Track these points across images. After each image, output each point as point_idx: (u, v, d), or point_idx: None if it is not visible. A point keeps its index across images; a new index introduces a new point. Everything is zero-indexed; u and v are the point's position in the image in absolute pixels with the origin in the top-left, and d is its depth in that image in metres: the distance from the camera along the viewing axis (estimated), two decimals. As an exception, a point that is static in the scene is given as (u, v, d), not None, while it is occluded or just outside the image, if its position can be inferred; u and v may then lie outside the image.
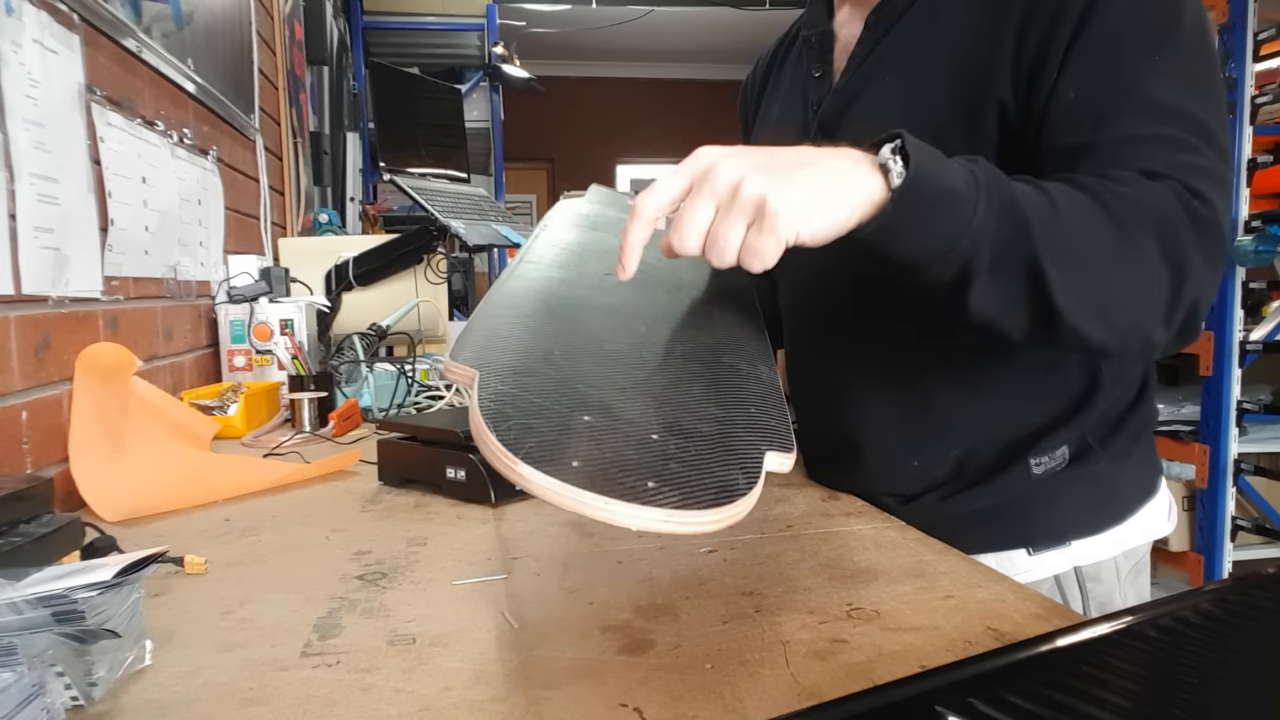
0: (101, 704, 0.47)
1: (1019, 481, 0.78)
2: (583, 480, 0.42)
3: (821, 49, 0.86)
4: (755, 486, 0.47)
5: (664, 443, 0.49)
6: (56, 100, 0.99)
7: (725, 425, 0.53)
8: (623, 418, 0.51)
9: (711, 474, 0.47)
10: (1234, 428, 2.48)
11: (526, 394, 0.51)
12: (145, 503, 0.89)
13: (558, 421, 0.48)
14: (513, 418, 0.47)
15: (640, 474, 0.45)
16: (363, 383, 1.49)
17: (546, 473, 0.42)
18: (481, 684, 0.48)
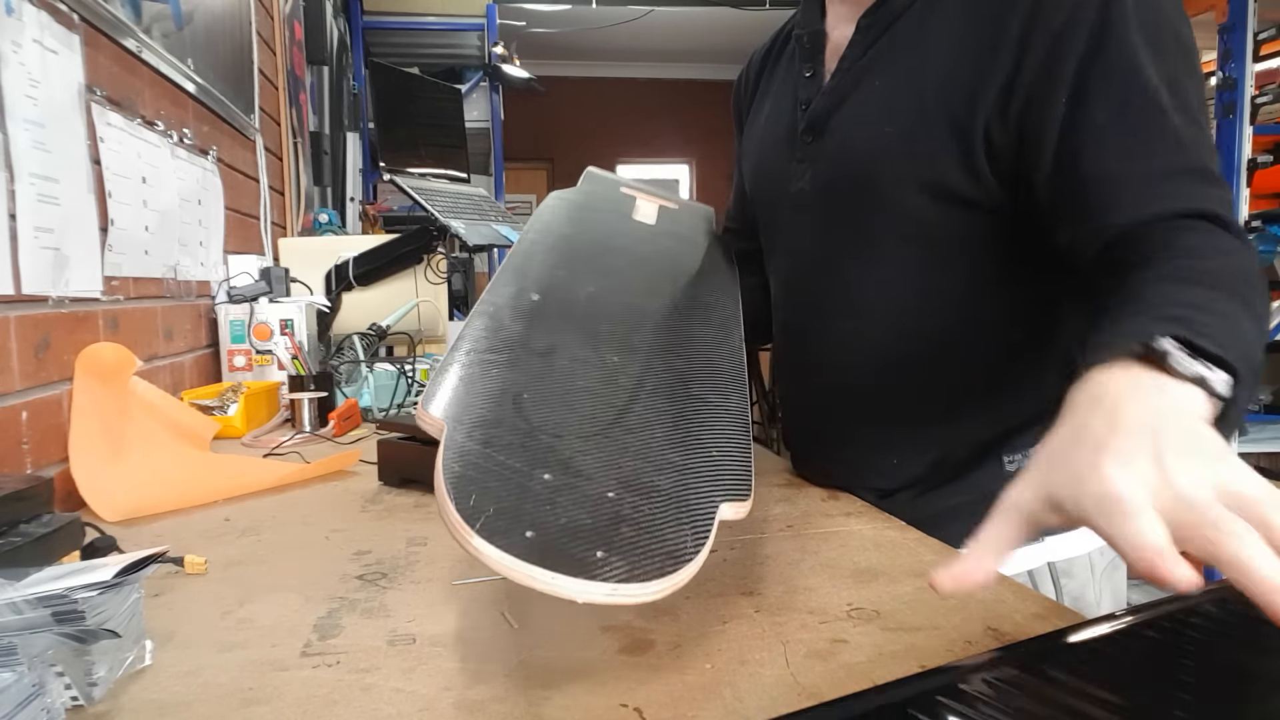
0: (101, 704, 0.47)
1: (992, 478, 0.79)
2: (534, 554, 0.44)
3: (813, 49, 0.87)
4: (702, 550, 0.49)
5: (619, 501, 0.51)
6: (56, 100, 0.99)
7: (684, 476, 0.55)
8: (582, 473, 0.52)
9: (662, 538, 0.49)
10: (1234, 428, 2.48)
11: (490, 450, 0.52)
12: (145, 503, 0.89)
13: (517, 484, 0.50)
14: (474, 481, 0.48)
15: (591, 542, 0.46)
16: (363, 383, 1.49)
17: (500, 547, 0.44)
18: (481, 684, 0.48)
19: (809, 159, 0.86)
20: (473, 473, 0.49)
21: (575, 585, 0.43)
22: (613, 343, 0.68)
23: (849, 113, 0.82)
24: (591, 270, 0.77)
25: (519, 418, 0.56)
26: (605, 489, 0.51)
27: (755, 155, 0.97)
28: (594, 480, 0.52)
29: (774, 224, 0.95)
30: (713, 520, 0.52)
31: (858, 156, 0.80)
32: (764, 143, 0.95)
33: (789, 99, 0.90)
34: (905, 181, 0.76)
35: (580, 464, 0.53)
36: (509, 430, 0.54)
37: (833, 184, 0.83)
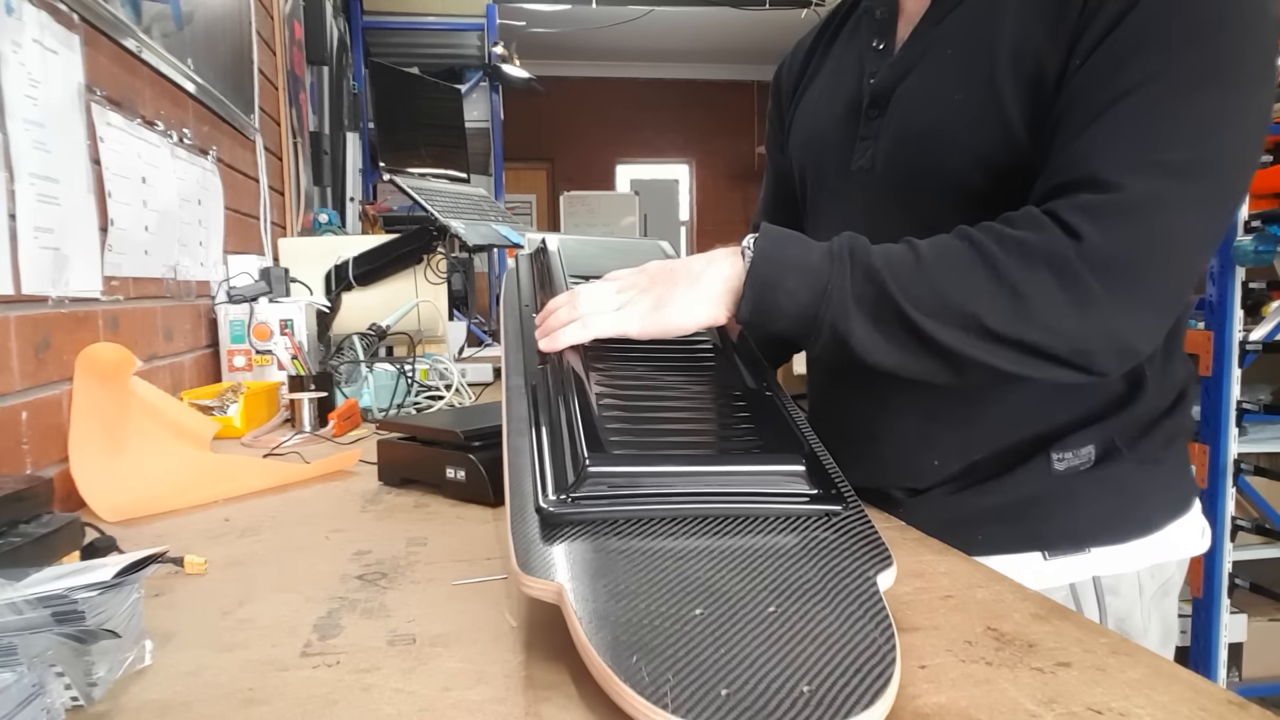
0: (101, 704, 0.47)
1: (1039, 477, 0.76)
2: (742, 714, 0.39)
3: (886, 21, 0.84)
4: (894, 643, 0.45)
5: (782, 615, 0.47)
6: (56, 100, 0.99)
7: (827, 571, 0.51)
8: (725, 594, 0.48)
9: (852, 644, 0.44)
10: (1234, 428, 2.48)
11: (624, 601, 0.47)
12: (145, 503, 0.89)
13: (673, 629, 0.45)
14: (635, 646, 0.43)
15: (790, 679, 0.41)
16: (363, 383, 1.49)
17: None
18: (481, 684, 0.48)
19: (873, 135, 0.82)
20: (623, 634, 0.44)
21: None
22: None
23: (914, 82, 0.79)
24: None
25: (633, 545, 0.52)
26: (763, 605, 0.47)
27: (808, 133, 0.93)
28: (745, 600, 0.47)
29: (824, 205, 0.91)
30: (881, 602, 0.49)
31: (922, 126, 0.77)
32: (819, 119, 0.91)
33: (852, 73, 0.87)
34: (971, 153, 0.73)
35: (719, 582, 0.49)
36: (632, 567, 0.50)
37: (897, 159, 0.80)
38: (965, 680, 0.47)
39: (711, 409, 0.69)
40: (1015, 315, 0.63)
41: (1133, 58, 0.64)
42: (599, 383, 0.68)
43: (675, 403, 0.69)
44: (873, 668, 0.43)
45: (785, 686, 0.41)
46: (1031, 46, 0.70)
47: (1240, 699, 0.43)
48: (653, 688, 0.40)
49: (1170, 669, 0.47)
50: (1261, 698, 2.42)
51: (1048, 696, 0.44)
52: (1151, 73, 0.64)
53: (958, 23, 0.77)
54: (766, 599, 0.48)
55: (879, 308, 0.66)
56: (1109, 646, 0.50)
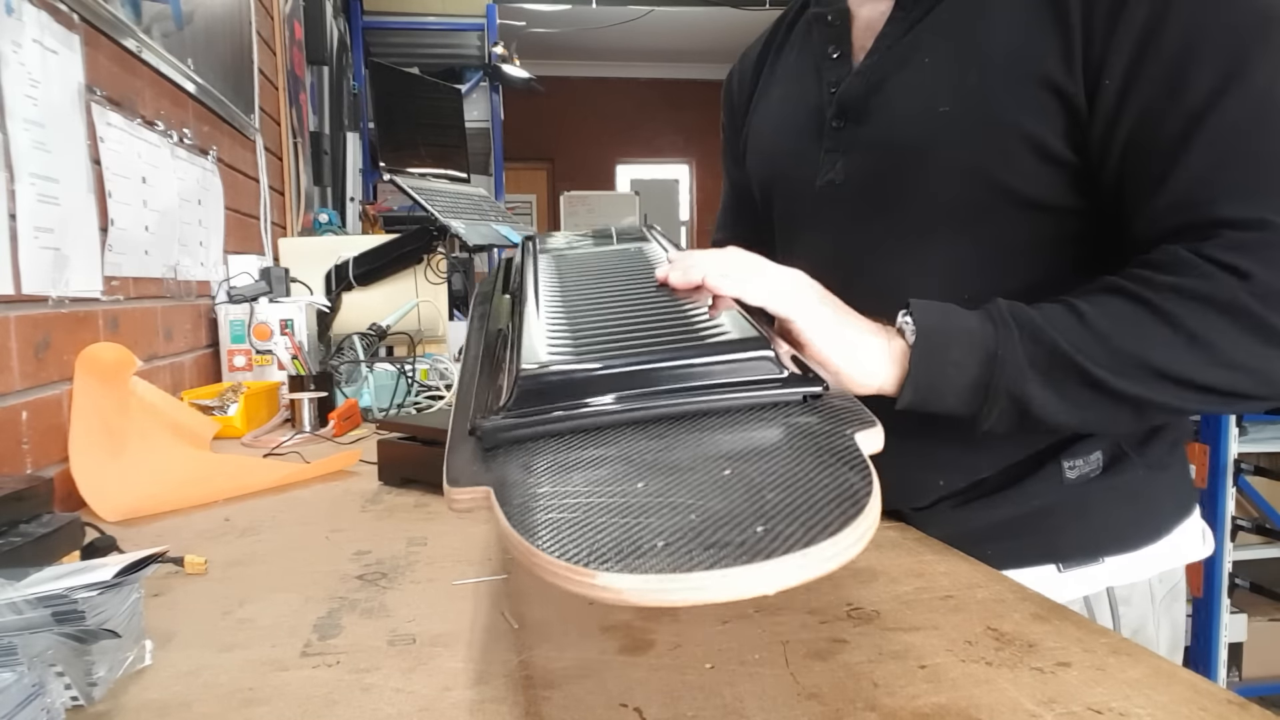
0: (101, 704, 0.47)
1: (1050, 487, 0.74)
2: (683, 562, 0.34)
3: (840, 28, 0.81)
4: (872, 479, 0.39)
5: (741, 475, 0.41)
6: (56, 100, 0.99)
7: (795, 435, 0.45)
8: (678, 466, 0.42)
9: (819, 485, 0.39)
10: (1234, 428, 2.48)
11: (556, 490, 0.42)
12: (145, 503, 0.89)
13: (616, 504, 0.40)
14: (565, 524, 0.38)
15: (739, 523, 0.36)
16: (363, 383, 1.49)
17: (638, 571, 0.34)
18: (481, 684, 0.48)
19: (841, 147, 0.79)
20: (555, 514, 0.40)
21: (757, 574, 0.33)
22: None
23: (894, 93, 0.75)
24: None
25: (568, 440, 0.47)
26: (716, 470, 0.42)
27: (765, 145, 0.90)
28: (696, 469, 0.42)
29: (794, 222, 0.88)
30: (858, 449, 0.43)
31: (905, 139, 0.74)
32: (777, 131, 0.88)
33: (809, 82, 0.84)
34: (959, 167, 0.71)
35: (668, 459, 0.43)
36: (577, 477, 0.44)
37: (872, 172, 0.77)
38: (965, 680, 0.47)
39: (668, 311, 0.59)
40: (1199, 361, 0.61)
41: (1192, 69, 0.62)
42: (547, 303, 0.62)
43: (628, 308, 0.61)
44: (841, 501, 0.37)
45: (735, 529, 0.36)
46: (1031, 55, 0.68)
47: (1240, 699, 0.43)
48: (579, 550, 0.36)
49: (1170, 669, 0.47)
50: (1261, 698, 2.42)
51: (1048, 696, 0.44)
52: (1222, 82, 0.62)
53: (931, 33, 0.74)
54: (721, 464, 0.42)
55: (1053, 368, 0.63)
56: (1109, 646, 0.50)
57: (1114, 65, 0.65)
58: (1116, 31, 0.64)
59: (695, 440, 0.46)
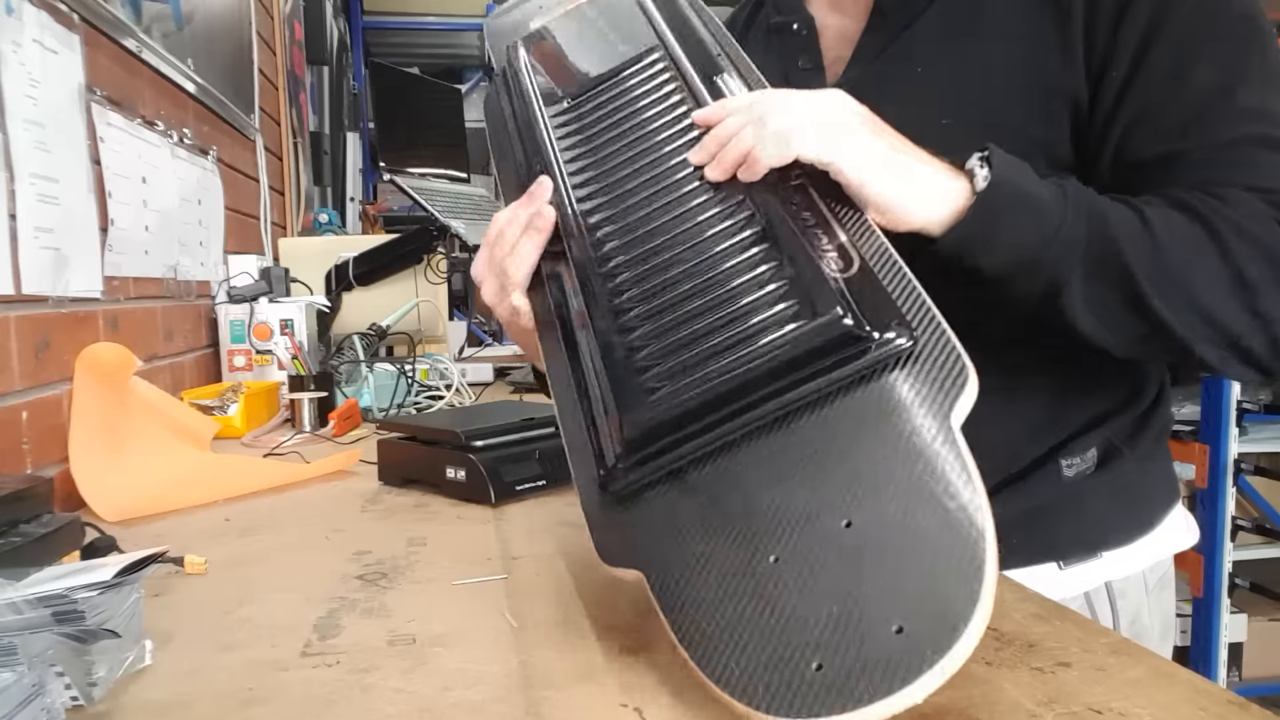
0: (101, 704, 0.47)
1: (1049, 487, 0.74)
2: (837, 699, 0.38)
3: (808, 38, 0.79)
4: (986, 549, 0.41)
5: (862, 539, 0.43)
6: (56, 100, 0.99)
7: (902, 448, 0.45)
8: (805, 519, 0.45)
9: (939, 554, 0.41)
10: (1234, 428, 2.48)
11: (696, 578, 0.45)
12: (145, 503, 0.89)
13: (752, 604, 0.42)
14: (712, 633, 0.42)
15: (877, 626, 0.39)
16: (363, 383, 1.49)
17: (801, 716, 0.38)
18: (481, 684, 0.48)
19: None
20: (706, 623, 0.43)
21: (908, 697, 0.37)
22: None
23: (887, 106, 0.72)
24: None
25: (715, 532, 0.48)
26: (836, 524, 0.44)
27: None
28: (819, 522, 0.44)
29: None
30: (959, 452, 0.44)
31: None
32: None
33: None
34: None
35: (790, 505, 0.46)
36: (702, 524, 0.47)
37: None
38: (965, 680, 0.46)
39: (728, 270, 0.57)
40: (1235, 302, 0.60)
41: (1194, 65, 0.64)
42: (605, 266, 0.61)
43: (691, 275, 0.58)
44: (962, 578, 0.39)
45: (877, 641, 0.39)
46: (1036, 62, 0.67)
47: (1240, 699, 0.43)
48: (743, 685, 0.40)
49: (1170, 669, 0.47)
50: (1261, 698, 2.42)
51: (1048, 696, 0.44)
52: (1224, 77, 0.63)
53: (923, 42, 0.73)
54: (841, 510, 0.44)
55: (1104, 265, 0.60)
56: (1109, 646, 0.50)
57: (1120, 59, 0.65)
58: (1122, 25, 0.65)
59: (810, 468, 0.47)
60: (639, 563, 0.48)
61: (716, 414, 0.50)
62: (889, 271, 0.53)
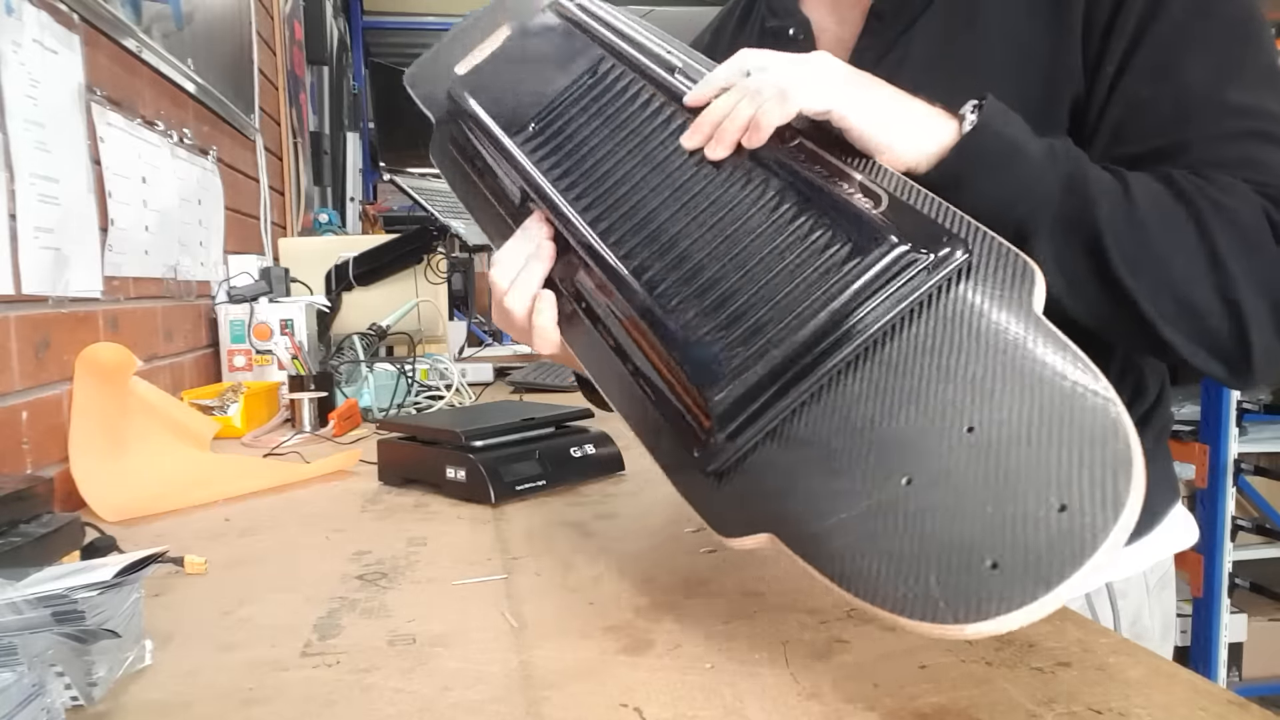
0: (101, 704, 0.47)
1: None
2: (1027, 589, 0.38)
3: (805, 44, 0.78)
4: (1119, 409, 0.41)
5: (985, 435, 0.43)
6: (56, 100, 0.99)
7: (996, 342, 0.46)
8: (921, 438, 0.45)
9: (1076, 424, 0.41)
10: (1234, 428, 2.48)
11: (828, 509, 0.45)
12: (145, 503, 0.89)
13: (908, 518, 0.42)
14: (863, 553, 0.42)
15: (1038, 512, 0.39)
16: (363, 383, 1.49)
17: (992, 616, 0.38)
18: (481, 684, 0.48)
19: None
20: (861, 555, 0.43)
21: (1083, 581, 0.37)
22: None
23: None
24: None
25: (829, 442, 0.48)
26: (958, 431, 0.44)
27: None
28: (939, 435, 0.44)
29: None
30: (1053, 333, 0.45)
31: None
32: None
33: None
34: None
35: (904, 431, 0.46)
36: (820, 474, 0.47)
37: None
38: (965, 680, 0.47)
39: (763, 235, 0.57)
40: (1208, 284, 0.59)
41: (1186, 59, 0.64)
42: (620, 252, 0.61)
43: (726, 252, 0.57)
44: (1102, 446, 0.40)
45: (1042, 516, 0.39)
46: (1036, 62, 0.68)
47: (1240, 699, 0.43)
48: (924, 606, 0.39)
49: (1170, 669, 0.47)
50: (1261, 698, 2.42)
51: (1048, 696, 0.44)
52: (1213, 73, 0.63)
53: (921, 45, 0.73)
54: (958, 419, 0.44)
55: (1076, 227, 0.60)
56: (1109, 646, 0.50)
57: (1113, 51, 0.65)
58: (1116, 21, 0.65)
59: (911, 389, 0.47)
60: (764, 526, 0.48)
61: (801, 364, 0.50)
62: (917, 198, 0.54)
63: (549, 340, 0.65)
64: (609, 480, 0.95)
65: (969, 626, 0.38)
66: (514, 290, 0.66)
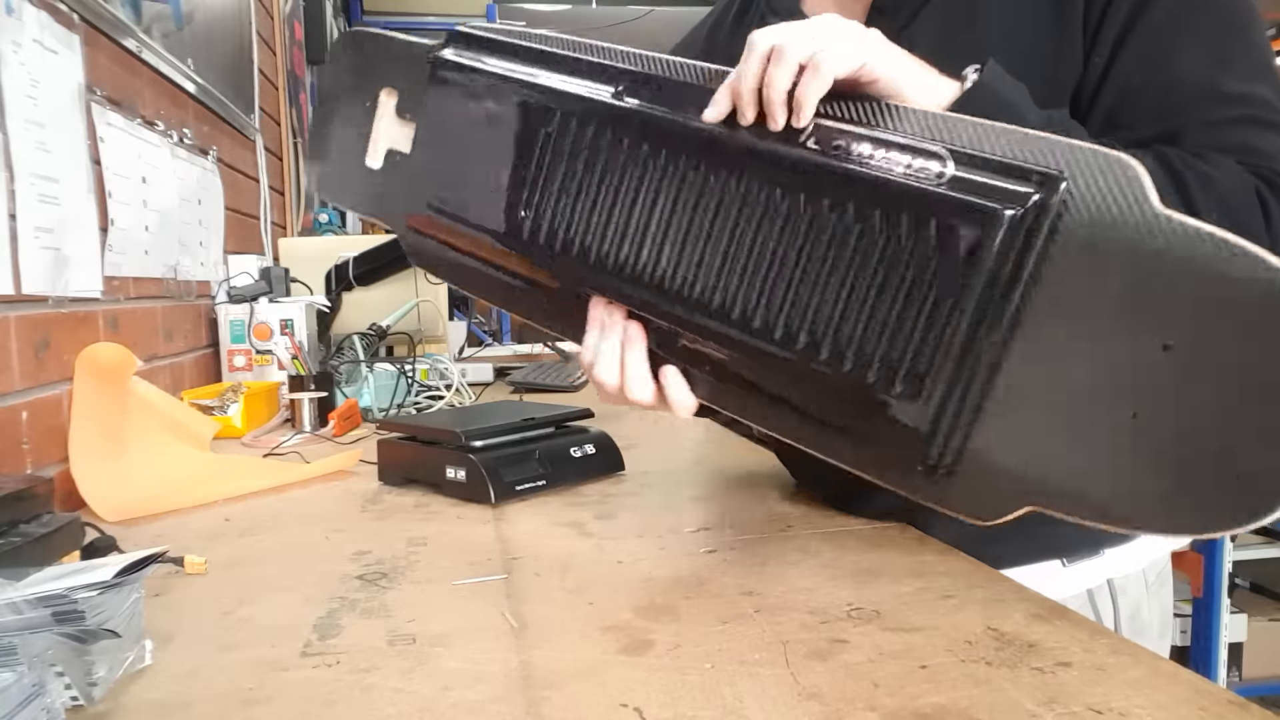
0: (101, 704, 0.47)
1: None
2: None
3: None
4: None
5: (1183, 350, 0.45)
6: (56, 100, 0.99)
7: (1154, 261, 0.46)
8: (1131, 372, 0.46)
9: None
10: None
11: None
12: (145, 503, 0.89)
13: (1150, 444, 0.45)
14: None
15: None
16: (363, 383, 1.49)
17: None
18: (481, 684, 0.48)
19: None
20: (1135, 494, 0.46)
21: None
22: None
23: None
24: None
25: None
26: (1156, 349, 0.45)
27: None
28: (1138, 357, 0.46)
29: None
30: (1191, 225, 0.46)
31: None
32: None
33: None
34: None
35: (1115, 375, 0.47)
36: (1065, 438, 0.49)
37: None
38: (965, 680, 0.47)
39: (860, 251, 0.55)
40: None
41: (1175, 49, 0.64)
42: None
43: (828, 281, 0.56)
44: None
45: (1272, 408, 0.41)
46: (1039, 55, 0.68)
47: (1240, 699, 0.43)
48: (1192, 516, 0.43)
49: (1170, 669, 0.47)
50: (1261, 698, 2.42)
51: (1048, 696, 0.44)
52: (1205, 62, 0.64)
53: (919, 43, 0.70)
54: (1149, 342, 0.45)
55: None
56: (1109, 646, 0.50)
57: (1104, 41, 0.66)
58: (1109, 10, 0.66)
59: (1078, 332, 0.48)
60: (1021, 500, 0.49)
61: (978, 346, 0.50)
62: (978, 139, 0.53)
63: (688, 408, 0.63)
64: (609, 480, 0.95)
65: (1242, 526, 0.40)
66: (630, 384, 0.63)
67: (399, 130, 0.74)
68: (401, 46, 0.75)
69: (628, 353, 0.63)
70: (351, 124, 0.75)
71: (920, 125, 0.55)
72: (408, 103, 0.73)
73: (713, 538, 0.74)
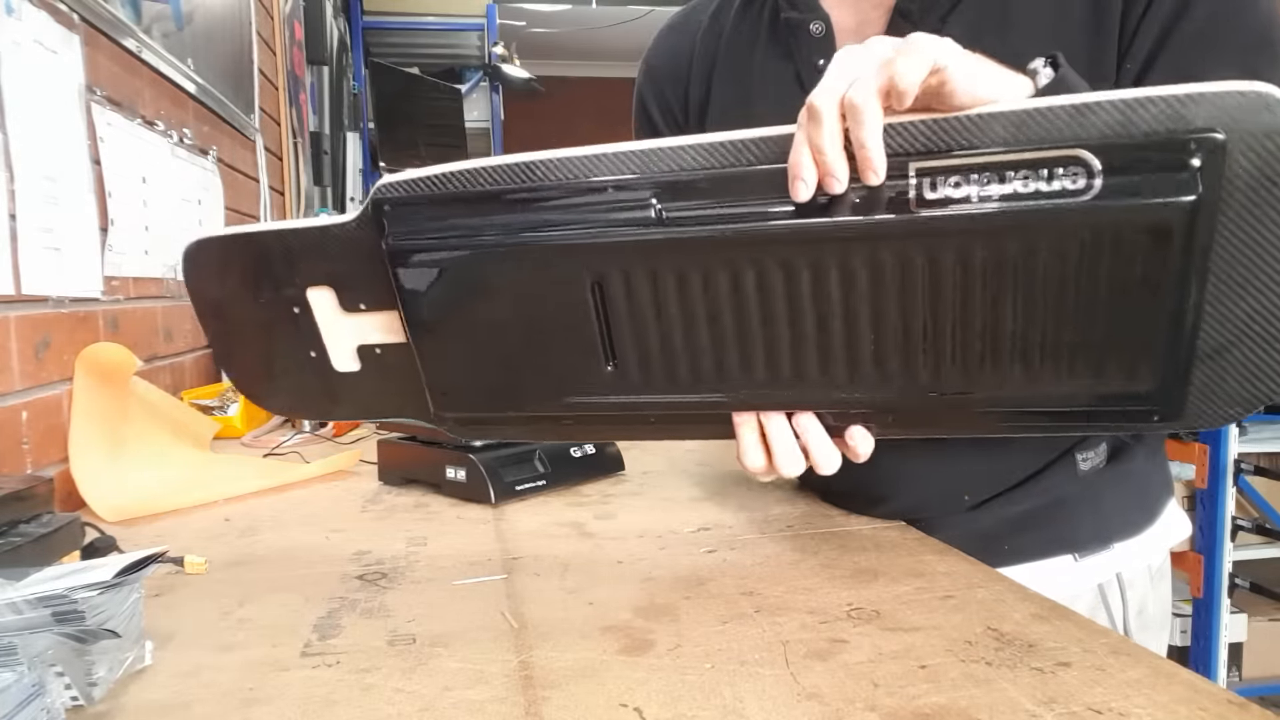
0: (101, 704, 0.47)
1: (1065, 480, 0.75)
2: None
3: (824, 40, 0.76)
4: None
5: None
6: (56, 100, 0.99)
7: None
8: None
9: None
10: (1234, 428, 2.48)
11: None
12: (145, 503, 0.89)
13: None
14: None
15: None
16: (363, 383, 1.49)
17: None
18: (481, 684, 0.48)
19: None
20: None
21: None
22: None
23: None
24: None
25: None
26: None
27: None
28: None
29: None
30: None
31: None
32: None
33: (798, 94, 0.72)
34: None
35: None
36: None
37: None
38: (965, 680, 0.47)
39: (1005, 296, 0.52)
40: None
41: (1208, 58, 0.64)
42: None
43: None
44: None
45: None
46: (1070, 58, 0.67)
47: (1240, 699, 0.43)
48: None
49: (1170, 669, 0.47)
50: (1261, 698, 2.42)
51: (1048, 696, 0.44)
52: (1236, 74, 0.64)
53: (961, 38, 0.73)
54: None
55: None
56: (1109, 646, 0.50)
57: (1137, 52, 0.65)
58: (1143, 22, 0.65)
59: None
60: (1250, 405, 0.52)
61: (1180, 319, 0.51)
62: (1107, 120, 0.49)
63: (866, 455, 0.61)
64: (609, 480, 0.95)
65: None
66: (783, 460, 0.60)
67: (357, 322, 0.63)
68: (294, 236, 0.63)
69: (784, 463, 0.59)
70: (281, 337, 0.65)
71: (1030, 128, 0.50)
72: (361, 293, 0.62)
73: (713, 538, 0.74)
